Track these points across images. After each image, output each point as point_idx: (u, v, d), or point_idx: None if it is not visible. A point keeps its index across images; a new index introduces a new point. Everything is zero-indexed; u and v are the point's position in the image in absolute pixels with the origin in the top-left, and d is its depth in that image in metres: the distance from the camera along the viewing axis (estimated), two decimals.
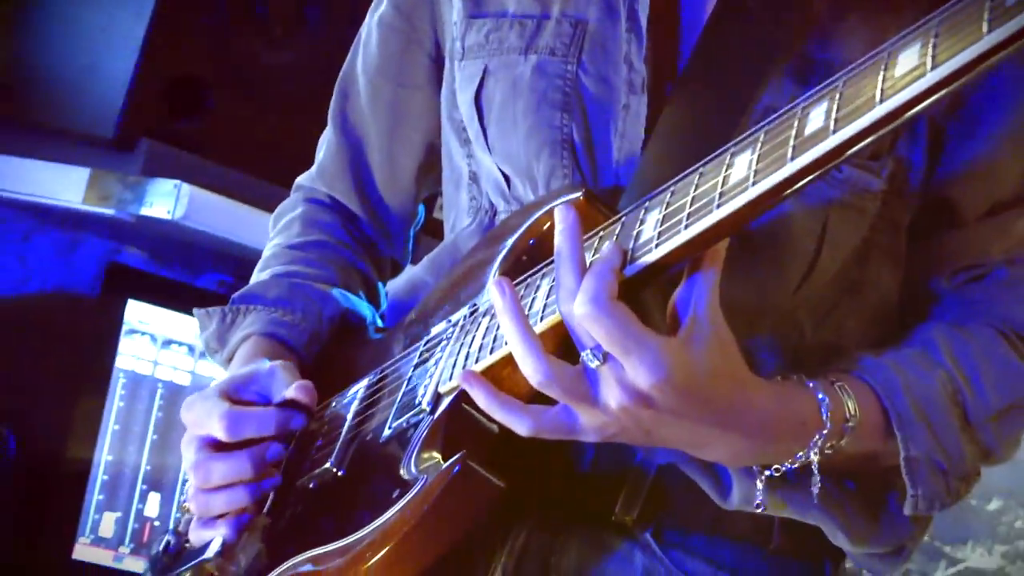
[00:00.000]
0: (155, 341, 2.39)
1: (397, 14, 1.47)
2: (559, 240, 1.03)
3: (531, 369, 1.00)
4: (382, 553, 1.12)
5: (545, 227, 1.22)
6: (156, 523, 2.35)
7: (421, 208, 1.56)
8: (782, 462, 1.06)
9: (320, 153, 1.56)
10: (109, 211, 2.23)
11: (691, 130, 1.25)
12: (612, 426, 1.02)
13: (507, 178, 1.34)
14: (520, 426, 1.04)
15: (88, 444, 2.30)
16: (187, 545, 1.38)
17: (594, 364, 0.98)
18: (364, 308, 1.47)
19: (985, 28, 0.79)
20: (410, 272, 1.50)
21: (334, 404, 1.37)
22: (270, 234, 1.55)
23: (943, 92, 0.84)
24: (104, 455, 2.31)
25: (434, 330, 1.30)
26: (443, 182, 1.45)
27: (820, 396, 1.06)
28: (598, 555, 1.25)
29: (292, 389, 1.27)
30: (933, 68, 0.83)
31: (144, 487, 2.36)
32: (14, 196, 2.38)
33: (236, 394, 1.30)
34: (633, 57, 1.28)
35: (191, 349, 2.46)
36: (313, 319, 1.44)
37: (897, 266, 1.31)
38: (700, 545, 1.26)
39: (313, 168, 1.57)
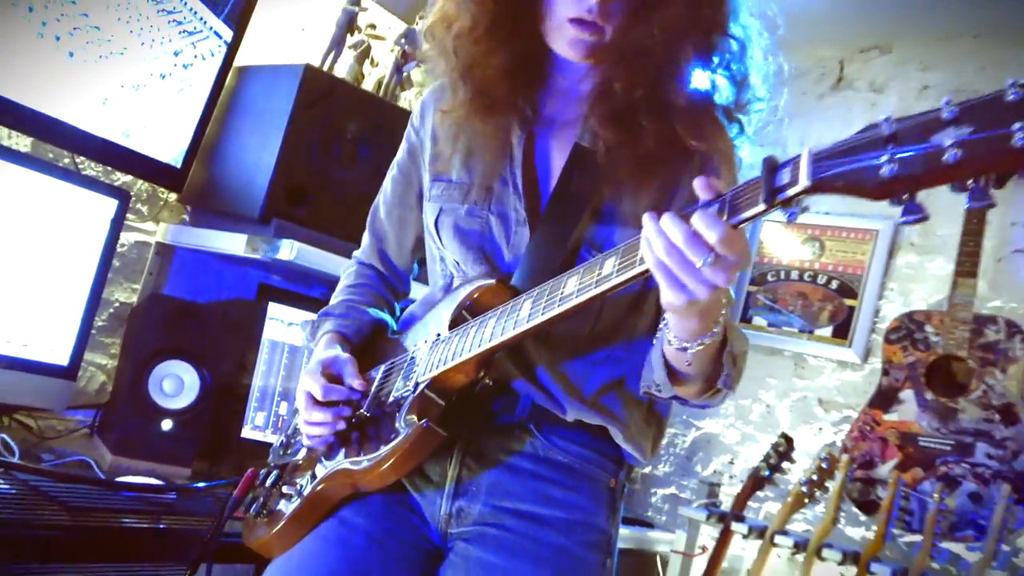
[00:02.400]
0: (283, 323, 2.40)
1: (400, 174, 1.49)
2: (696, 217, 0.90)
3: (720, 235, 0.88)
4: (386, 464, 1.19)
5: (475, 296, 1.26)
6: (284, 417, 2.36)
7: (416, 267, 1.57)
8: (703, 335, 1.02)
9: (363, 242, 1.58)
10: (258, 256, 2.23)
11: (543, 246, 1.25)
12: (711, 294, 0.93)
13: (456, 263, 1.34)
14: (713, 233, 0.88)
15: (248, 376, 2.33)
16: (292, 442, 1.46)
17: (709, 261, 0.89)
18: (387, 319, 1.49)
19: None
20: (412, 307, 1.48)
21: (369, 375, 1.36)
22: (341, 278, 1.59)
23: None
24: (256, 381, 2.33)
25: (419, 345, 1.31)
26: (427, 259, 1.47)
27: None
28: (508, 440, 1.25)
29: (356, 382, 1.29)
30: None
31: (278, 399, 2.37)
32: (210, 250, 2.39)
33: (327, 368, 1.31)
34: (518, 206, 1.28)
35: (303, 327, 2.42)
36: (359, 324, 1.45)
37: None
38: (559, 431, 1.25)
39: (360, 250, 1.58)
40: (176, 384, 2.24)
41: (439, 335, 1.27)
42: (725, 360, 1.10)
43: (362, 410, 1.30)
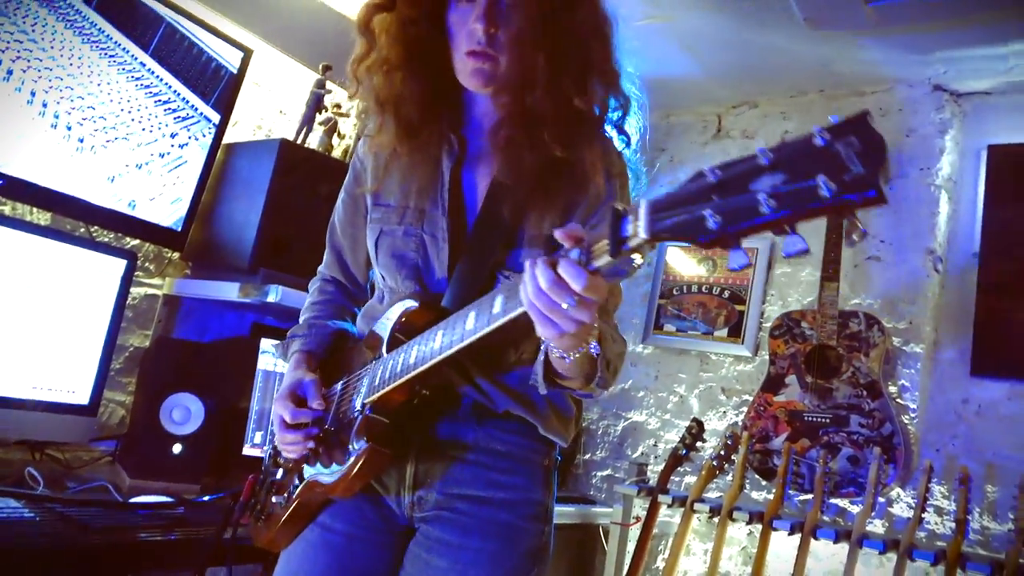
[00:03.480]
0: (275, 356, 2.28)
1: (348, 196, 1.37)
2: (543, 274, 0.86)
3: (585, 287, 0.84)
4: (347, 480, 1.12)
5: (403, 320, 1.16)
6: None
7: (372, 276, 1.42)
8: (578, 349, 0.98)
9: (325, 257, 1.45)
10: (249, 300, 2.15)
11: (468, 271, 1.16)
12: (578, 328, 0.88)
13: (384, 277, 1.25)
14: (576, 283, 0.83)
15: (246, 401, 2.21)
16: (278, 453, 1.34)
17: (573, 303, 0.85)
18: (348, 327, 1.37)
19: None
20: (359, 318, 1.36)
21: (330, 391, 1.26)
22: (308, 295, 1.46)
23: None
24: (253, 405, 2.22)
25: (364, 367, 1.20)
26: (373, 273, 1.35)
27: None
28: (455, 437, 1.18)
29: (316, 403, 1.19)
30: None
31: (271, 419, 2.24)
32: (211, 297, 2.29)
33: (294, 391, 1.21)
34: (443, 225, 1.18)
35: (274, 348, 2.34)
36: (321, 339, 1.33)
37: None
38: (495, 423, 1.17)
39: (323, 264, 1.46)
40: (184, 413, 2.11)
41: (380, 356, 1.18)
42: (600, 365, 1.04)
43: (327, 425, 1.21)
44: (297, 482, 1.26)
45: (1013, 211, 2.63)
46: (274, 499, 1.30)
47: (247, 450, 2.19)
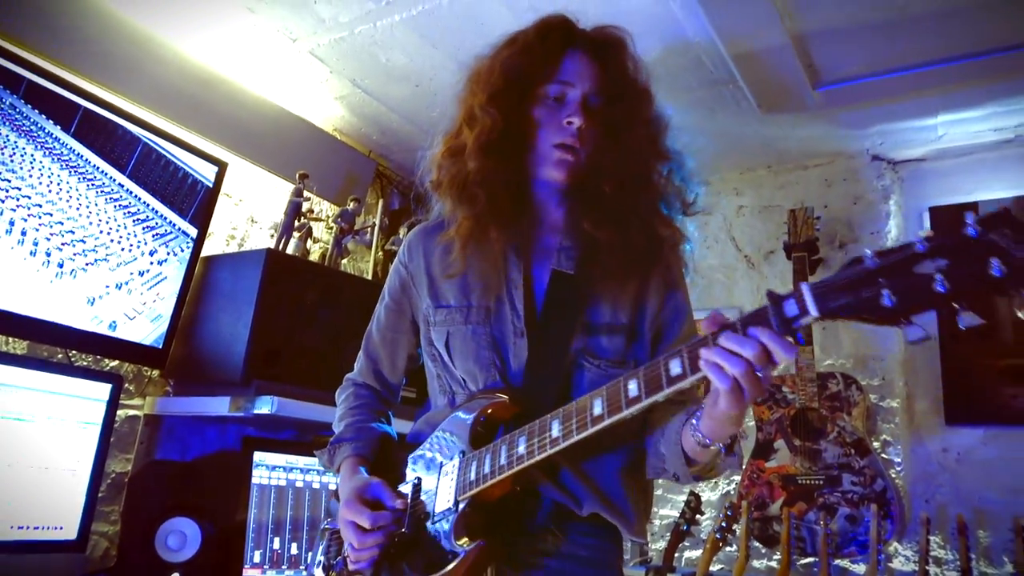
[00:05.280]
0: (268, 468, 2.23)
1: (392, 303, 1.37)
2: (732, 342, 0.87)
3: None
4: None
5: (488, 412, 1.14)
6: (278, 551, 2.17)
7: (404, 380, 1.43)
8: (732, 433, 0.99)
9: (357, 363, 1.43)
10: (241, 414, 2.11)
11: (544, 362, 1.15)
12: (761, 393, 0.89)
13: (463, 379, 1.23)
14: (782, 353, 0.84)
15: (243, 519, 2.13)
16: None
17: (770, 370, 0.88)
18: (391, 431, 1.37)
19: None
20: (418, 423, 1.33)
21: (401, 494, 1.22)
22: (338, 400, 1.43)
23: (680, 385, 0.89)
24: (250, 523, 2.14)
25: (445, 462, 1.17)
26: (427, 377, 1.33)
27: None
28: (536, 543, 1.13)
29: (398, 503, 1.17)
30: (691, 373, 0.89)
31: (270, 536, 2.17)
32: (199, 413, 2.24)
33: (363, 494, 1.19)
34: (515, 321, 1.18)
35: (285, 469, 2.28)
36: (371, 442, 1.32)
37: None
38: (577, 527, 1.14)
39: (354, 371, 1.44)
40: (180, 539, 2.04)
41: (464, 452, 1.15)
42: (735, 446, 1.05)
43: (403, 530, 1.16)
44: None
45: None
46: None
47: (247, 572, 2.10)
